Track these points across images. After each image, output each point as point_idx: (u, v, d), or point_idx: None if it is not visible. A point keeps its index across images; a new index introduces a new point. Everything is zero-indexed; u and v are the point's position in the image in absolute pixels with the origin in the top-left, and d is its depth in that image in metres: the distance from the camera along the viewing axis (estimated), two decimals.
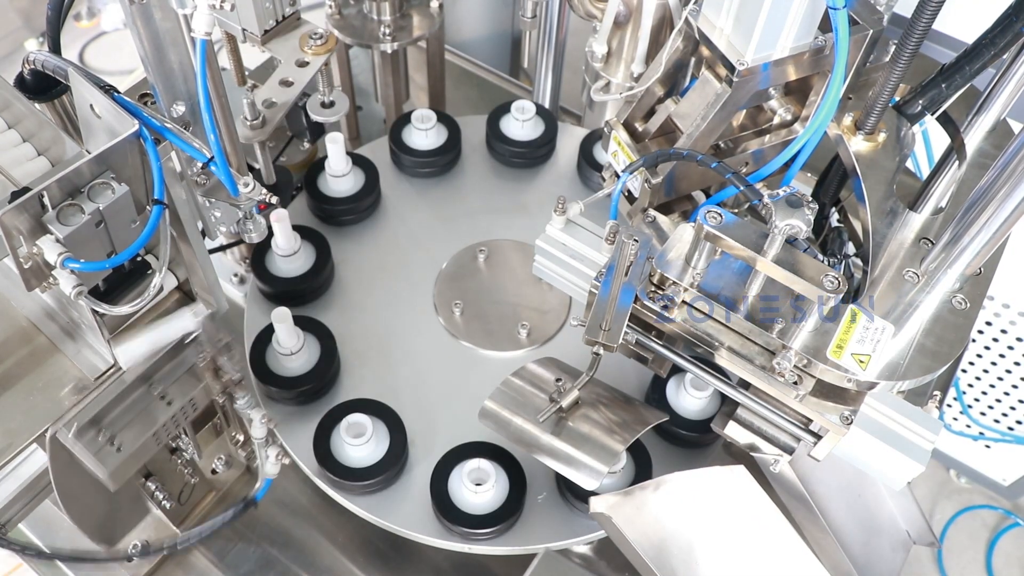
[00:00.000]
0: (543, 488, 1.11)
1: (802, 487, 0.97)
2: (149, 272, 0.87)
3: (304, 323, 1.16)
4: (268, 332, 1.14)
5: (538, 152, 1.42)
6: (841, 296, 0.72)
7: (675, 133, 1.00)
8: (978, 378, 1.87)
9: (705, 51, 0.92)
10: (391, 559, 1.15)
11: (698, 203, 1.06)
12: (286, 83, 1.14)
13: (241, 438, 1.16)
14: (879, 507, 1.09)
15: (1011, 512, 2.22)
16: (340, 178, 1.32)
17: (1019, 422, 1.90)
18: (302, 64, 1.15)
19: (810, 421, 0.84)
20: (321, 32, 1.16)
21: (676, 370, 1.10)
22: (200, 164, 0.83)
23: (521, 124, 1.39)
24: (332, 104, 1.22)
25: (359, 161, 1.36)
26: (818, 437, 0.84)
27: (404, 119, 1.40)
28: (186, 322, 0.92)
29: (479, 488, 1.04)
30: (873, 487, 1.09)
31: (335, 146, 1.28)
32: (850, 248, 0.93)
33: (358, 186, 1.34)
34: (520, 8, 1.40)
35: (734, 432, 0.91)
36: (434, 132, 1.39)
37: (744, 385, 0.86)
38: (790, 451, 0.89)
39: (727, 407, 0.92)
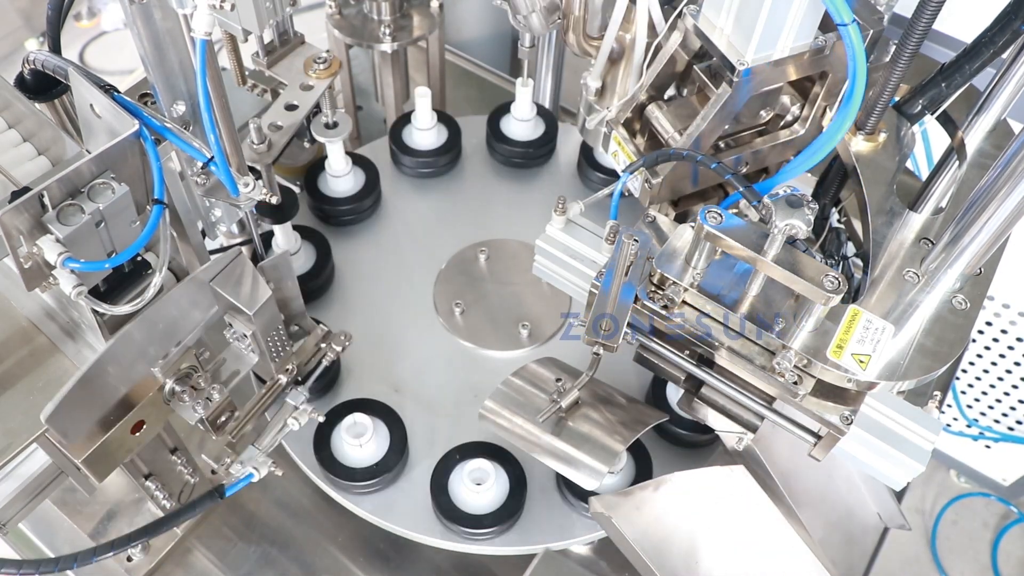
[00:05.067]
0: (543, 488, 1.11)
1: (769, 468, 0.97)
2: (149, 272, 0.87)
3: None
4: None
5: (538, 152, 1.42)
6: (841, 296, 0.72)
7: (658, 138, 1.01)
8: (978, 378, 1.87)
9: (696, 68, 0.92)
10: (391, 559, 1.15)
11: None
12: (291, 107, 1.15)
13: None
14: (849, 489, 1.09)
15: (1011, 511, 2.22)
16: (340, 178, 1.33)
17: (1019, 422, 1.90)
18: (306, 88, 1.17)
19: (773, 399, 0.84)
20: (325, 56, 1.18)
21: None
22: (200, 164, 0.83)
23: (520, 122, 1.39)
24: (336, 125, 1.23)
25: (359, 161, 1.36)
26: (818, 437, 0.84)
27: (404, 119, 1.40)
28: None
29: (479, 488, 1.04)
30: (843, 469, 1.08)
31: (335, 146, 1.28)
32: (850, 248, 0.93)
33: (358, 186, 1.34)
34: (520, 40, 1.41)
35: (700, 412, 0.91)
36: (434, 132, 1.39)
37: (708, 364, 0.86)
38: (753, 429, 0.89)
39: (689, 384, 0.92)
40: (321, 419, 1.00)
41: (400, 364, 1.22)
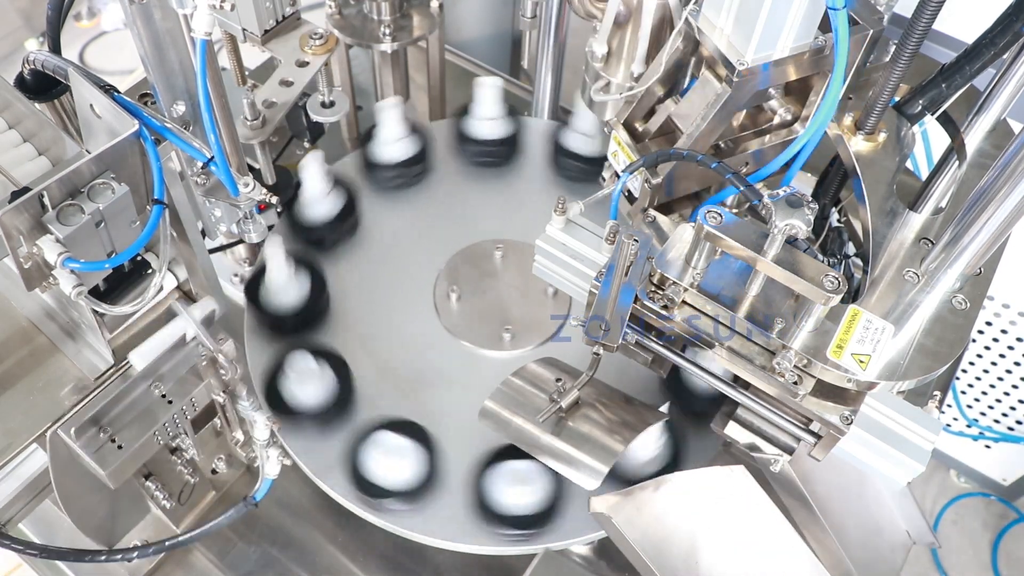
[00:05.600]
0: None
1: (802, 487, 0.97)
2: (149, 272, 0.87)
3: (312, 353, 1.12)
4: (277, 365, 1.12)
5: (503, 149, 1.39)
6: (841, 296, 0.72)
7: (675, 133, 1.00)
8: (978, 378, 1.87)
9: (705, 51, 0.92)
10: (391, 559, 1.15)
11: (700, 203, 1.07)
12: (286, 83, 1.13)
13: (241, 438, 1.16)
14: (879, 507, 1.09)
15: (1011, 511, 2.22)
16: (318, 203, 1.26)
17: (1019, 422, 1.91)
18: (302, 64, 1.15)
19: (810, 421, 0.84)
20: (321, 32, 1.16)
21: (676, 371, 1.10)
22: (200, 164, 0.83)
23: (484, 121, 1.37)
24: (332, 104, 1.21)
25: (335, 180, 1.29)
26: (818, 437, 0.84)
27: (367, 136, 1.35)
28: (188, 321, 0.92)
29: (524, 488, 1.04)
30: (873, 487, 1.09)
31: (309, 171, 1.20)
32: (850, 248, 0.93)
33: (338, 207, 1.28)
34: (520, 8, 1.40)
35: (734, 432, 0.91)
36: (404, 143, 1.35)
37: (744, 385, 0.87)
38: (790, 451, 0.89)
39: (727, 407, 0.92)
40: (276, 427, 0.98)
41: (411, 377, 1.19)
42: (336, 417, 1.13)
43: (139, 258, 0.86)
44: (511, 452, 1.07)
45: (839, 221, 0.97)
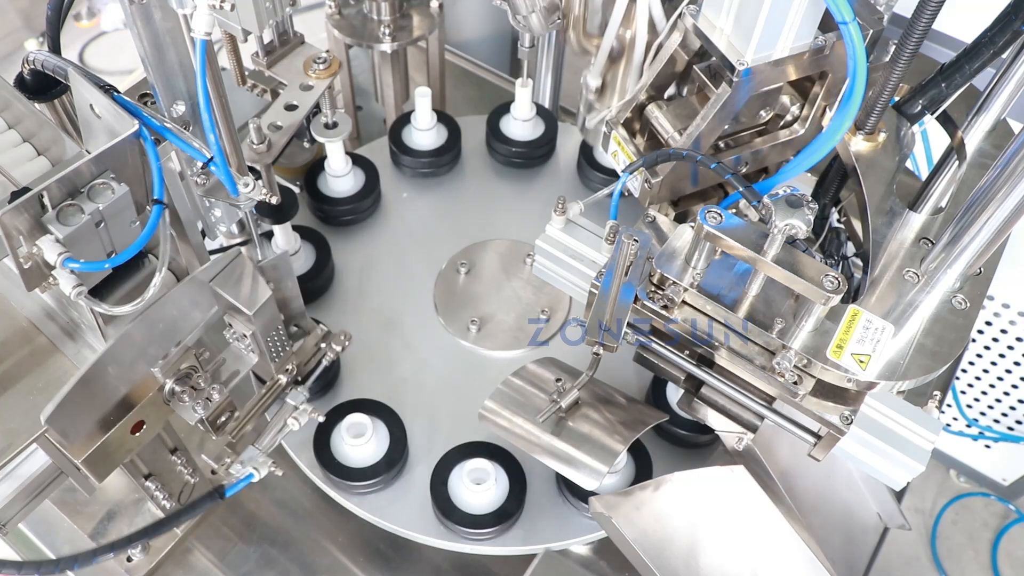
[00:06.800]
0: (543, 488, 1.11)
1: (767, 466, 0.97)
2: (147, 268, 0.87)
3: None
4: None
5: (538, 152, 1.42)
6: (841, 296, 0.72)
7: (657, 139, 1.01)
8: (978, 378, 1.87)
9: (696, 69, 0.93)
10: (391, 559, 1.15)
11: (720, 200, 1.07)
12: (291, 107, 1.15)
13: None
14: (850, 490, 1.10)
15: (1012, 511, 2.22)
16: (340, 178, 1.33)
17: (1019, 422, 1.90)
18: (306, 88, 1.17)
19: (773, 398, 0.84)
20: (325, 56, 1.18)
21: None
22: (200, 164, 0.83)
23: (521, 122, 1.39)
24: (335, 125, 1.23)
25: (359, 161, 1.36)
26: (818, 437, 0.84)
27: (404, 119, 1.40)
28: None
29: (479, 488, 1.04)
30: (843, 469, 1.08)
31: (335, 146, 1.28)
32: (850, 248, 0.93)
33: (358, 186, 1.34)
34: (520, 40, 1.41)
35: (698, 411, 0.91)
36: (434, 132, 1.39)
37: (708, 364, 0.86)
38: (753, 429, 0.89)
39: (690, 385, 0.92)
40: (321, 419, 1.00)
41: (400, 364, 1.22)
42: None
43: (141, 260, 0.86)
44: (475, 450, 1.09)
45: (839, 221, 0.96)
